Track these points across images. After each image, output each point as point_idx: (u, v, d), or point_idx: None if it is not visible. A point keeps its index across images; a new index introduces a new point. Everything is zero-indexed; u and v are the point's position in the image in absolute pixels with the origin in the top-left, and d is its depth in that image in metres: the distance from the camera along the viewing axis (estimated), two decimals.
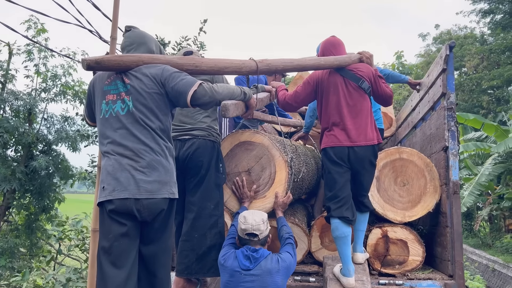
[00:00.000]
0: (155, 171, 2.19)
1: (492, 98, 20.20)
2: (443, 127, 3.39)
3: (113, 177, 2.16)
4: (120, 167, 2.16)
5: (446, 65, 3.39)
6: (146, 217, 2.19)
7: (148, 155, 2.19)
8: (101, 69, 2.24)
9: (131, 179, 2.14)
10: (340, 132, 3.01)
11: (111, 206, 2.14)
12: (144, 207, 2.15)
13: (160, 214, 2.23)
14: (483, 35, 22.66)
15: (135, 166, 2.16)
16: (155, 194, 2.17)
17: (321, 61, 2.98)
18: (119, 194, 2.12)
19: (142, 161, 2.17)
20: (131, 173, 2.15)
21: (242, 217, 2.63)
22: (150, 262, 2.26)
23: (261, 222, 2.59)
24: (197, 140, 2.86)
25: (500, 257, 14.20)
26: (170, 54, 7.80)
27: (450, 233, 3.21)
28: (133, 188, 2.13)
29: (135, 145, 2.19)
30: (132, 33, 2.47)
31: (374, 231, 3.43)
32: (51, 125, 9.20)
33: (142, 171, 2.16)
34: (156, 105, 2.26)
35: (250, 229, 2.56)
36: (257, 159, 3.14)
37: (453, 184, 3.23)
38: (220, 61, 2.54)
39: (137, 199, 2.13)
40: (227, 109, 2.30)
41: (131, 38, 2.46)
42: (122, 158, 2.17)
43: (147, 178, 2.16)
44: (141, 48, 2.42)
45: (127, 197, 2.12)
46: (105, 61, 2.15)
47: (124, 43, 2.46)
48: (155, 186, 2.18)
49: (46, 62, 9.13)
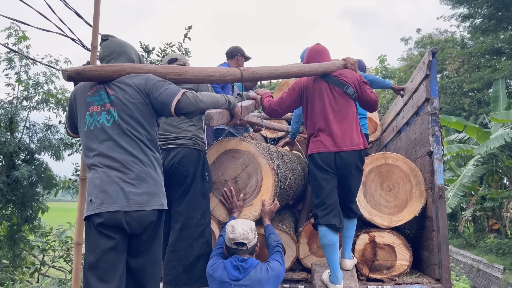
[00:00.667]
0: (144, 183, 2.15)
1: (474, 101, 20.58)
2: (427, 132, 3.42)
3: (101, 190, 2.11)
4: (108, 180, 2.11)
5: (429, 71, 3.43)
6: (136, 229, 2.14)
7: (136, 167, 2.15)
8: (83, 80, 2.19)
9: (120, 192, 2.10)
10: (326, 138, 3.01)
11: (100, 219, 2.09)
12: (134, 219, 2.11)
13: (150, 226, 2.19)
14: (463, 39, 23.12)
15: (124, 178, 2.12)
16: (144, 206, 2.13)
17: (306, 68, 2.98)
18: (108, 207, 2.08)
19: (131, 173, 2.13)
20: (120, 185, 2.11)
21: (230, 226, 2.60)
22: (139, 275, 2.22)
23: (249, 231, 2.57)
24: (182, 149, 2.83)
25: (485, 257, 14.43)
26: (155, 61, 7.76)
27: (436, 237, 3.23)
28: (122, 200, 2.09)
29: (123, 156, 2.14)
30: (110, 43, 2.41)
31: (362, 237, 3.44)
32: (33, 134, 9.05)
33: (131, 183, 2.12)
34: (142, 116, 2.22)
35: (238, 238, 2.53)
36: (244, 167, 3.13)
37: (438, 188, 3.26)
38: (204, 70, 2.52)
39: (127, 211, 2.09)
40: (211, 118, 2.28)
41: (110, 48, 2.40)
42: (111, 171, 2.13)
43: (137, 190, 2.12)
44: (122, 57, 2.37)
45: (116, 210, 2.08)
46: (86, 72, 2.11)
47: (103, 53, 2.40)
48: (144, 198, 2.14)
49: (27, 70, 8.99)
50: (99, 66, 2.18)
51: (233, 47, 4.60)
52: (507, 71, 16.38)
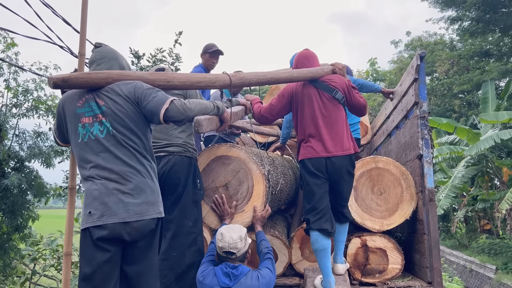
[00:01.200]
0: (142, 193, 2.16)
1: (463, 102, 20.79)
2: (417, 136, 3.44)
3: (101, 202, 2.10)
4: (107, 192, 2.11)
5: (418, 75, 3.45)
6: (137, 237, 2.16)
7: (134, 177, 2.15)
8: (69, 87, 2.17)
9: (119, 203, 2.10)
10: (316, 143, 3.02)
11: (99, 232, 2.08)
12: (134, 229, 2.12)
13: (149, 233, 2.20)
14: (452, 41, 23.38)
15: (122, 190, 2.11)
16: (144, 216, 2.14)
17: (294, 73, 2.99)
18: (108, 219, 2.08)
19: (129, 184, 2.13)
20: (119, 197, 2.10)
21: (219, 234, 2.59)
22: (136, 282, 2.21)
23: (238, 239, 2.54)
24: (173, 157, 2.82)
25: (477, 257, 14.53)
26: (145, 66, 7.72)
27: (427, 240, 3.24)
28: (122, 212, 2.09)
29: (121, 167, 2.14)
30: (103, 48, 2.42)
31: (353, 241, 3.44)
32: (23, 141, 8.97)
33: (130, 193, 2.12)
34: (135, 125, 2.21)
35: (227, 248, 2.52)
36: (234, 173, 3.12)
37: (429, 191, 3.28)
38: (193, 76, 2.51)
39: (127, 222, 2.10)
40: (200, 124, 2.27)
41: (102, 53, 2.40)
42: (109, 182, 2.12)
43: (135, 200, 2.13)
44: (113, 62, 2.37)
45: (116, 221, 2.08)
46: (72, 79, 2.08)
47: (95, 57, 2.39)
48: (143, 208, 2.15)
49: (16, 77, 8.91)
50: (86, 73, 2.16)
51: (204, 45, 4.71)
52: (495, 73, 16.58)
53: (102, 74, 2.18)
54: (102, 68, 2.33)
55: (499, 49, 18.46)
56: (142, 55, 7.74)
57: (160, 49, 7.90)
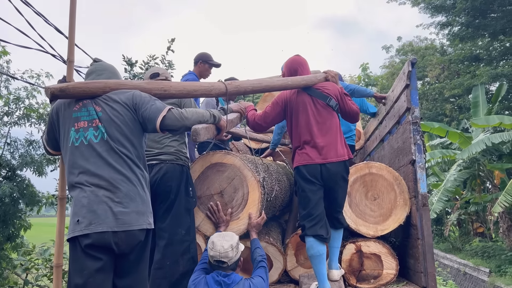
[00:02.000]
0: (132, 202, 2.13)
1: (455, 106, 20.99)
2: (409, 141, 3.48)
3: (89, 209, 2.06)
4: (96, 199, 2.07)
5: (409, 81, 3.50)
6: (124, 249, 2.11)
7: (125, 185, 2.13)
8: (66, 97, 2.17)
9: (108, 212, 2.07)
10: (311, 150, 3.04)
11: (88, 240, 2.05)
12: (122, 239, 2.08)
13: (137, 245, 2.16)
14: (442, 46, 23.64)
15: (112, 198, 2.08)
16: (133, 226, 2.11)
17: (288, 81, 3.02)
18: (97, 228, 2.04)
19: (119, 192, 2.10)
20: (109, 205, 2.07)
21: (210, 243, 2.57)
22: None
23: (229, 248, 2.52)
24: (165, 165, 2.82)
25: (471, 261, 14.62)
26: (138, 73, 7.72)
27: (421, 245, 3.27)
28: (111, 220, 2.06)
29: (112, 175, 2.11)
30: (103, 63, 2.47)
31: (348, 247, 3.46)
32: (14, 150, 8.85)
33: (120, 202, 2.09)
34: (131, 132, 2.21)
35: (218, 257, 2.50)
36: (229, 181, 3.12)
37: (422, 196, 3.31)
38: (189, 84, 2.53)
39: (115, 231, 2.06)
40: (198, 133, 2.28)
41: (103, 66, 2.45)
42: (98, 190, 2.09)
43: (125, 209, 2.10)
44: (112, 77, 2.40)
45: (105, 230, 2.04)
46: (70, 89, 2.09)
47: (93, 68, 2.42)
48: (133, 217, 2.11)
49: (8, 85, 8.84)
50: (83, 83, 2.17)
51: (199, 53, 4.60)
52: (485, 77, 16.78)
53: (100, 84, 2.19)
54: (101, 79, 2.35)
55: (489, 54, 18.69)
56: (135, 62, 7.75)
57: (153, 56, 7.91)
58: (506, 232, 13.72)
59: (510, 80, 17.08)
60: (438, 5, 17.84)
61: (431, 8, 18.28)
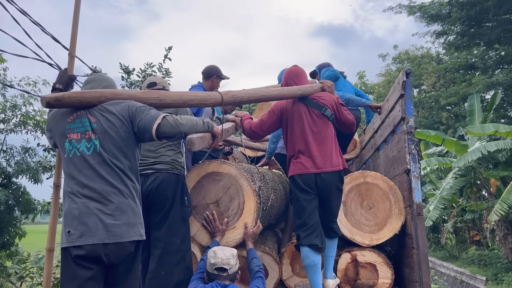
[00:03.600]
0: (123, 214, 2.14)
1: (451, 114, 21.10)
2: (404, 151, 3.49)
3: (80, 221, 2.09)
4: (87, 211, 2.10)
5: (404, 91, 3.52)
6: (114, 261, 2.13)
7: (116, 198, 2.14)
8: (62, 106, 2.18)
9: (99, 224, 2.09)
10: (306, 160, 3.06)
11: (79, 251, 2.07)
12: (112, 251, 2.10)
13: (127, 257, 2.18)
14: (438, 55, 23.81)
15: (103, 210, 2.10)
16: (124, 238, 2.12)
17: (284, 91, 3.04)
18: (87, 240, 2.06)
19: (110, 204, 2.12)
20: (100, 217, 2.09)
21: (211, 252, 2.59)
22: None
23: (231, 256, 2.56)
24: (161, 174, 2.83)
25: (467, 269, 14.61)
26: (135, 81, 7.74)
27: (416, 254, 3.27)
28: (101, 233, 2.08)
29: (103, 187, 2.13)
30: (103, 74, 2.54)
31: (344, 256, 3.46)
32: (10, 157, 8.84)
33: (111, 214, 2.11)
34: (125, 144, 2.22)
35: (219, 263, 2.52)
36: (225, 190, 3.13)
37: (417, 206, 3.31)
38: (185, 94, 2.55)
39: (106, 243, 2.08)
40: (193, 143, 2.29)
41: (102, 77, 2.50)
42: (90, 201, 2.11)
43: (116, 221, 2.11)
44: (110, 87, 2.42)
45: (95, 242, 2.07)
46: (65, 98, 2.10)
47: (92, 78, 2.46)
48: (124, 230, 2.13)
49: (4, 92, 8.85)
50: (79, 92, 2.18)
51: (209, 67, 4.47)
52: (481, 86, 16.89)
53: (96, 93, 2.20)
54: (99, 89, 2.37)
55: (484, 62, 18.83)
56: (132, 70, 7.77)
57: (150, 64, 7.93)
58: (503, 240, 13.72)
59: (505, 88, 17.21)
60: (433, 14, 17.98)
61: (426, 17, 18.42)
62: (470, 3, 16.22)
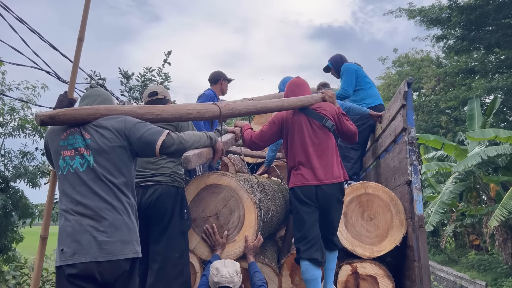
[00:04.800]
0: (118, 231, 2.09)
1: (450, 118, 21.08)
2: (405, 162, 3.46)
3: (73, 239, 2.05)
4: (81, 229, 2.06)
5: (406, 101, 3.48)
6: (109, 279, 2.08)
7: (110, 214, 2.10)
8: (56, 124, 2.14)
9: (93, 242, 2.04)
10: (307, 171, 3.02)
11: (72, 270, 2.03)
12: (106, 269, 2.05)
13: (122, 275, 2.12)
14: (438, 58, 23.80)
15: (97, 227, 2.06)
16: (118, 255, 2.07)
17: (284, 102, 3.00)
18: (80, 258, 2.02)
19: (104, 221, 2.08)
20: (93, 234, 2.05)
21: (214, 269, 2.55)
22: None
23: (234, 274, 2.52)
24: (160, 187, 2.79)
25: (467, 273, 14.56)
26: (134, 86, 7.70)
27: (418, 267, 3.23)
28: (95, 251, 2.03)
29: (97, 203, 2.09)
30: (99, 89, 2.49)
31: (344, 268, 3.42)
32: (8, 162, 8.78)
33: (105, 231, 2.06)
34: (119, 159, 2.18)
35: (223, 282, 2.48)
36: (225, 202, 3.09)
37: (418, 218, 3.27)
38: (182, 108, 2.50)
39: (99, 261, 2.03)
40: (189, 161, 2.23)
41: (98, 91, 2.46)
42: (83, 219, 2.07)
43: (110, 239, 2.07)
44: (107, 102, 2.39)
45: (88, 260, 2.02)
46: (60, 116, 2.06)
47: (89, 93, 2.43)
48: (117, 247, 2.08)
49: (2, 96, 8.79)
50: (74, 109, 2.14)
51: (215, 72, 4.66)
52: (481, 90, 16.87)
53: (90, 110, 2.16)
54: (95, 104, 2.34)
55: (484, 66, 18.82)
56: (131, 75, 7.73)
57: (149, 68, 7.90)
58: (502, 245, 13.68)
59: (505, 93, 17.19)
60: (433, 18, 17.98)
61: (426, 21, 18.43)
62: (470, 7, 16.23)
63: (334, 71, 4.89)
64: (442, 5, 17.79)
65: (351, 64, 4.76)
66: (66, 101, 2.48)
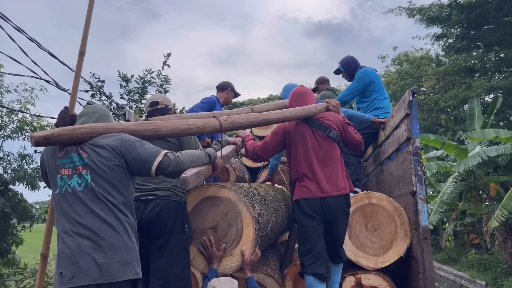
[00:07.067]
0: (117, 252, 2.04)
1: (450, 117, 21.03)
2: (410, 171, 3.40)
3: (72, 261, 2.00)
4: (79, 250, 2.00)
5: (410, 110, 3.42)
6: None
7: (109, 234, 2.05)
8: (52, 144, 2.08)
9: (92, 263, 1.99)
10: (311, 183, 2.97)
11: None
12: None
13: None
14: (438, 56, 23.73)
15: (96, 248, 2.01)
16: (117, 277, 2.02)
17: (287, 113, 2.94)
18: (80, 281, 1.97)
19: (103, 241, 2.03)
20: (92, 256, 2.00)
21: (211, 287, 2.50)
22: None
23: None
24: (161, 201, 2.73)
25: (467, 273, 14.55)
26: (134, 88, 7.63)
27: (422, 279, 3.18)
28: (94, 273, 1.98)
29: (96, 223, 2.04)
30: (97, 105, 2.44)
31: (348, 279, 3.37)
32: (7, 164, 8.73)
33: (104, 252, 2.01)
34: (117, 178, 2.12)
35: None
36: (224, 215, 3.03)
37: (423, 229, 3.22)
38: (181, 123, 2.43)
39: (99, 284, 1.98)
40: (187, 182, 2.17)
41: (95, 108, 2.40)
42: (82, 240, 2.02)
43: (109, 260, 2.02)
44: (103, 119, 2.33)
45: (88, 283, 1.97)
46: (55, 136, 1.99)
47: (85, 111, 2.36)
48: (117, 268, 2.03)
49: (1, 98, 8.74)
50: (69, 129, 2.07)
51: (225, 81, 4.83)
52: (481, 89, 16.82)
53: (86, 129, 2.10)
54: (92, 121, 2.28)
55: (484, 65, 18.76)
56: (130, 77, 7.66)
57: (149, 70, 7.83)
58: (502, 244, 13.66)
59: (505, 92, 17.14)
60: (433, 17, 17.90)
61: (426, 20, 18.35)
62: (470, 6, 16.15)
63: (346, 74, 4.76)
64: (442, 4, 17.71)
65: (370, 71, 4.61)
66: (68, 119, 2.43)
